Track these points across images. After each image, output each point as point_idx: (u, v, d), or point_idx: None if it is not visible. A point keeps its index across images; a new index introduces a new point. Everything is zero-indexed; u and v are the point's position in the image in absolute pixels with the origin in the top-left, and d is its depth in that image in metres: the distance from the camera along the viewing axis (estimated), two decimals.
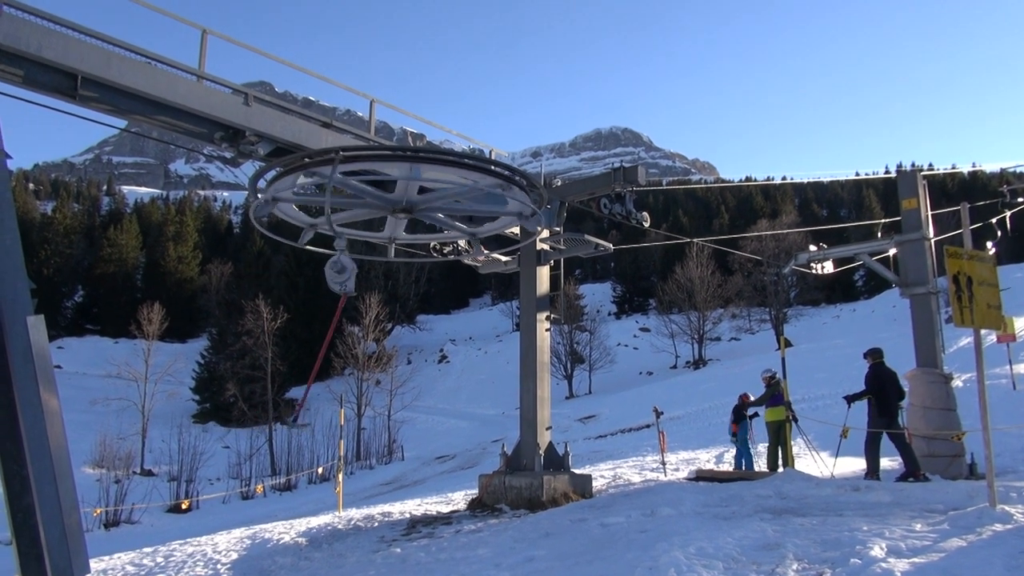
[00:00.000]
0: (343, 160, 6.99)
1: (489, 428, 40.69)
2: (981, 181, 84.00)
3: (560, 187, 12.04)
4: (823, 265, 14.84)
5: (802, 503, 8.24)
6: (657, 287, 66.04)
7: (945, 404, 11.94)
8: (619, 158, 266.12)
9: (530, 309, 11.76)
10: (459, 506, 11.81)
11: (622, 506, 9.01)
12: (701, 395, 33.53)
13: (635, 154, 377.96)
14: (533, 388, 11.37)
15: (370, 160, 7.19)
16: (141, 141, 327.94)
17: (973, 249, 6.67)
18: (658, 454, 15.58)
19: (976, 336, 6.65)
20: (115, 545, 15.14)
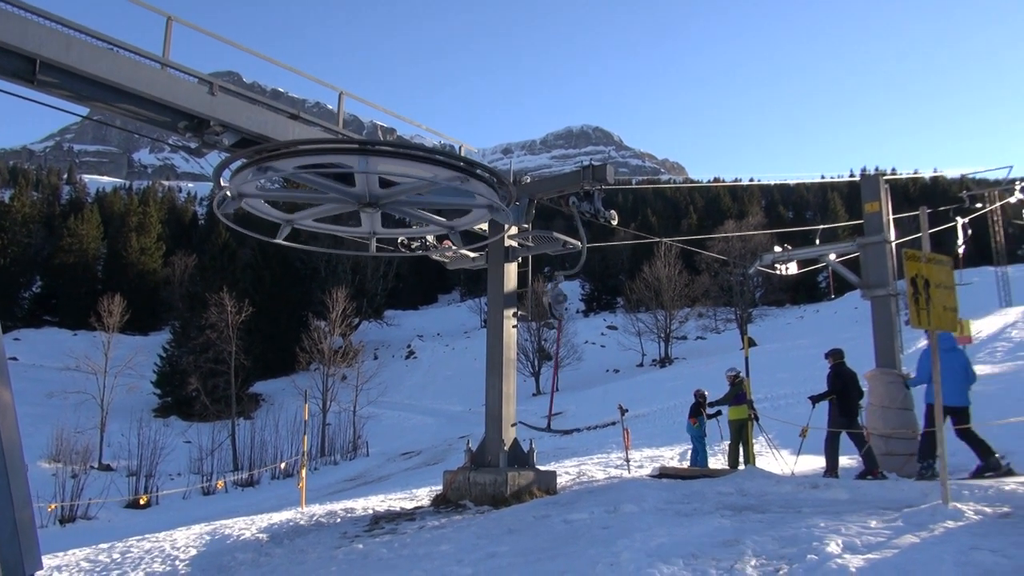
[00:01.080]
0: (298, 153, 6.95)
1: (455, 424, 40.63)
2: (942, 186, 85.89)
3: (529, 184, 12.06)
4: (787, 266, 15.09)
5: (762, 500, 8.37)
6: (625, 286, 66.46)
7: (902, 404, 12.21)
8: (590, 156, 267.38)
9: (497, 306, 11.77)
10: (423, 502, 11.79)
11: (585, 503, 9.07)
12: (666, 393, 33.82)
13: (606, 153, 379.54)
14: (499, 384, 11.39)
15: (323, 153, 7.14)
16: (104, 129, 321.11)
17: (931, 252, 6.83)
18: (623, 451, 15.69)
19: (932, 338, 6.81)
20: (70, 541, 14.84)
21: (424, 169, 7.21)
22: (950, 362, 9.34)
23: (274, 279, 61.45)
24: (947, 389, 8.79)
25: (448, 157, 7.25)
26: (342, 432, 38.54)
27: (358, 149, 7.10)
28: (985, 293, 47.49)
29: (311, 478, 26.40)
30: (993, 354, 24.04)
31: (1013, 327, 28.98)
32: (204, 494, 29.08)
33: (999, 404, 15.88)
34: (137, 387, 45.99)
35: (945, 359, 9.06)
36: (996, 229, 47.07)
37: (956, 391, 9.32)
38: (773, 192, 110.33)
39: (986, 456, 9.39)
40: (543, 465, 14.24)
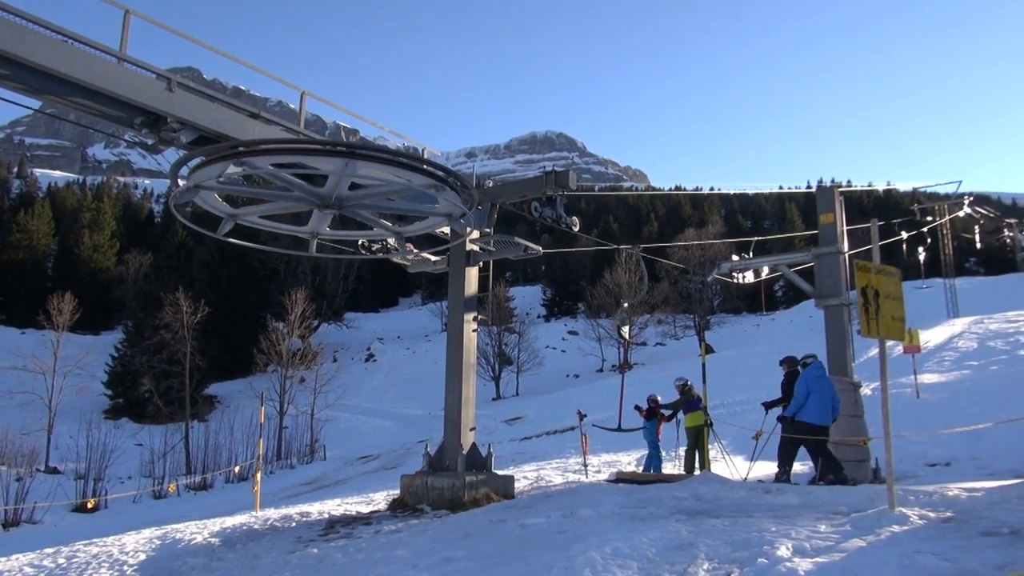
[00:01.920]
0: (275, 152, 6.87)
1: (415, 428, 40.41)
2: (895, 199, 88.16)
3: (492, 188, 12.09)
4: (744, 275, 15.34)
5: (716, 505, 8.48)
6: (586, 291, 66.88)
7: (853, 411, 12.48)
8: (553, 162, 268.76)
9: (458, 310, 11.76)
10: (380, 506, 11.71)
11: (542, 507, 9.10)
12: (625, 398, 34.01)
13: (569, 159, 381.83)
14: (458, 388, 11.37)
15: (303, 154, 7.08)
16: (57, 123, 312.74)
17: (881, 264, 7.01)
18: (581, 456, 15.77)
19: (881, 346, 6.99)
20: (14, 546, 14.41)
21: (401, 175, 7.18)
22: (821, 387, 10.58)
23: (231, 279, 60.48)
24: (816, 410, 10.41)
25: (433, 166, 7.24)
26: (299, 435, 38.06)
27: (345, 152, 7.03)
28: (934, 304, 48.88)
29: (266, 482, 26.01)
30: (940, 363, 24.74)
31: (960, 337, 29.84)
32: (155, 498, 28.45)
33: (945, 412, 16.40)
34: (87, 388, 44.79)
35: (817, 385, 10.54)
36: (945, 242, 48.50)
37: (823, 412, 10.49)
38: (733, 201, 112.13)
39: (836, 471, 10.47)
40: (502, 469, 14.24)
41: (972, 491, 7.81)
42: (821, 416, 10.48)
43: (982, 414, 15.11)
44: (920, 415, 16.63)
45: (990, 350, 25.55)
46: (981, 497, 7.45)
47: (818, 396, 10.42)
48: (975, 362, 23.65)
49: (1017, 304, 40.64)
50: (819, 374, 10.75)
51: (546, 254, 14.15)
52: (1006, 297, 50.35)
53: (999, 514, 6.46)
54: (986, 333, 29.56)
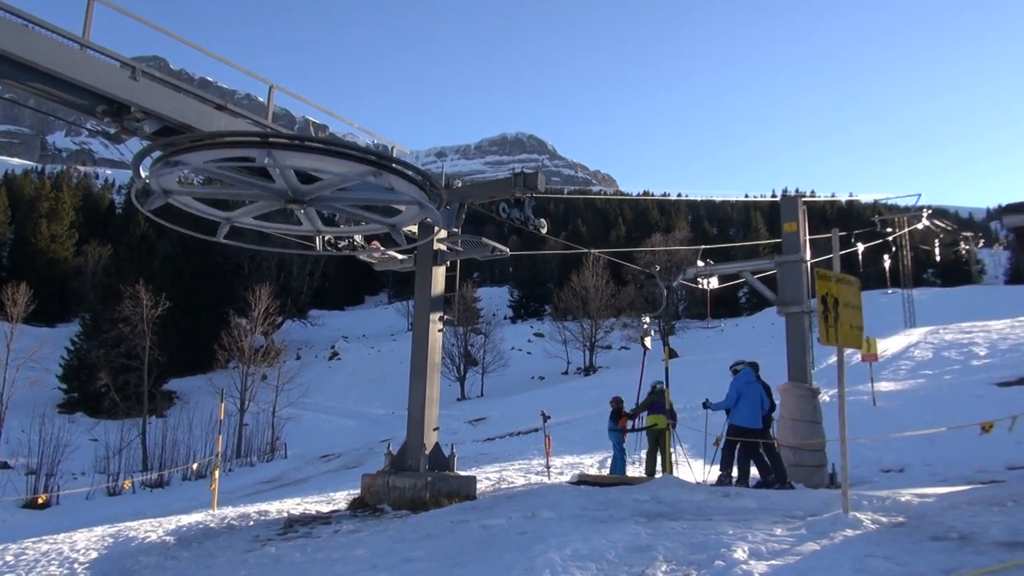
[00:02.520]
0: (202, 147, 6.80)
1: (378, 428, 40.17)
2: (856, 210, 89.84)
3: (461, 188, 12.08)
4: (709, 280, 15.52)
5: (676, 508, 8.58)
6: (553, 294, 67.10)
7: (812, 417, 12.69)
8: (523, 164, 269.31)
9: (424, 309, 11.73)
10: (340, 506, 11.62)
11: (504, 508, 9.11)
12: (590, 401, 34.23)
13: (539, 161, 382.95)
14: (422, 388, 11.34)
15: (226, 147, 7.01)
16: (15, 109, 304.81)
17: (841, 273, 7.15)
18: (543, 458, 15.82)
19: (839, 354, 7.12)
20: None
21: (337, 164, 7.12)
22: (750, 392, 11.25)
23: (194, 273, 59.47)
24: (746, 413, 11.08)
25: (352, 149, 7.15)
26: (260, 433, 37.59)
27: (259, 142, 6.96)
28: (892, 314, 49.93)
29: (225, 480, 25.66)
30: (897, 372, 25.25)
31: (916, 347, 30.48)
32: (109, 495, 27.88)
33: (900, 419, 16.75)
34: (41, 381, 43.78)
35: (747, 390, 11.22)
36: (904, 253, 49.57)
37: (753, 416, 11.13)
38: (699, 208, 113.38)
39: (766, 474, 11.10)
40: (464, 470, 14.23)
41: (924, 497, 8.00)
42: (751, 419, 11.10)
43: (935, 421, 15.47)
44: (876, 422, 16.97)
45: (944, 360, 26.14)
46: (932, 503, 7.63)
47: (748, 400, 11.11)
48: (930, 371, 24.17)
49: (971, 315, 41.69)
50: (749, 379, 11.38)
51: (514, 255, 14.19)
52: (961, 308, 51.69)
53: (949, 519, 6.63)
54: (941, 343, 30.24)
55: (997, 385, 19.06)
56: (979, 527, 6.16)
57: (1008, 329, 30.77)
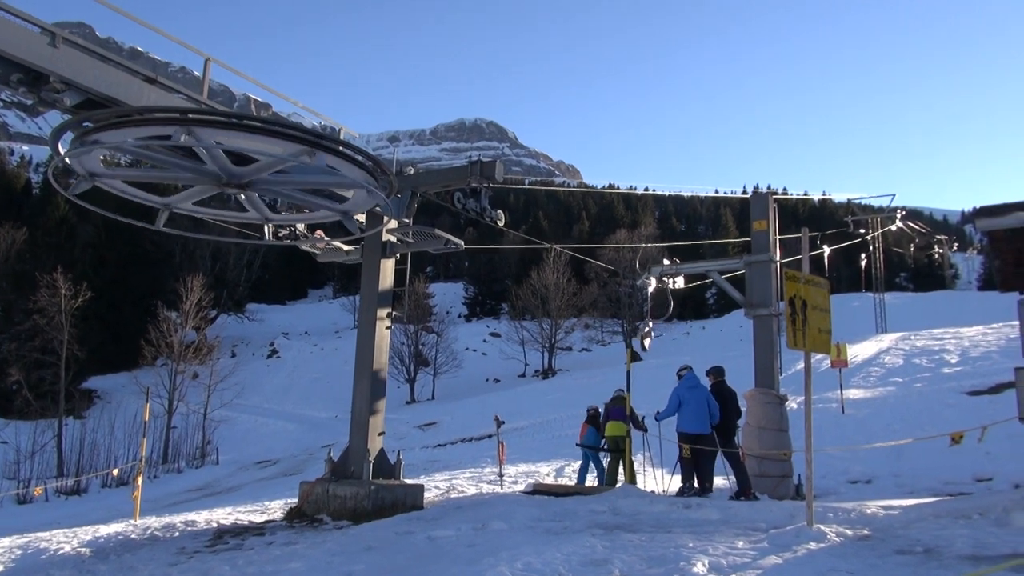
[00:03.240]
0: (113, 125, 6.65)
1: (320, 432, 39.84)
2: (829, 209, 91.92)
3: (413, 176, 12.02)
4: (675, 280, 15.70)
5: (634, 519, 8.67)
6: (511, 291, 67.27)
7: (778, 425, 12.94)
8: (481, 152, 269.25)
9: (371, 304, 11.64)
10: (275, 516, 11.49)
11: (452, 519, 9.11)
12: (548, 406, 34.44)
13: (499, 149, 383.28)
14: (367, 390, 11.26)
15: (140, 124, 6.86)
16: None
17: (810, 274, 7.30)
18: (497, 466, 15.85)
19: (806, 359, 7.27)
20: None
21: (267, 142, 7.00)
22: (695, 397, 11.61)
23: (120, 261, 58.07)
24: (691, 419, 11.45)
25: (280, 126, 7.04)
26: (189, 437, 36.95)
27: (177, 119, 6.81)
28: (863, 318, 51.20)
29: (150, 487, 25.17)
30: (867, 379, 25.91)
31: (887, 353, 31.30)
32: (19, 503, 27.11)
33: (869, 429, 17.21)
34: None
35: (691, 394, 11.60)
36: (876, 256, 50.80)
37: (698, 421, 11.49)
38: (667, 203, 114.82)
39: (707, 482, 11.47)
40: (411, 478, 14.19)
41: (889, 509, 8.23)
42: (696, 424, 11.45)
43: (905, 431, 15.94)
44: (844, 431, 17.39)
45: (915, 367, 26.90)
46: (898, 515, 7.85)
47: (692, 406, 11.49)
48: (900, 378, 24.85)
49: (943, 321, 42.97)
50: (692, 384, 11.76)
51: (469, 249, 14.18)
52: (933, 314, 53.24)
53: (914, 532, 6.83)
54: (912, 349, 31.11)
55: (967, 394, 19.68)
56: (944, 541, 6.36)
57: (979, 336, 31.79)
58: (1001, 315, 33.55)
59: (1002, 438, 12.56)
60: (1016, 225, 8.51)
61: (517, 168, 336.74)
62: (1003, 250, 9.01)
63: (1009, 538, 6.29)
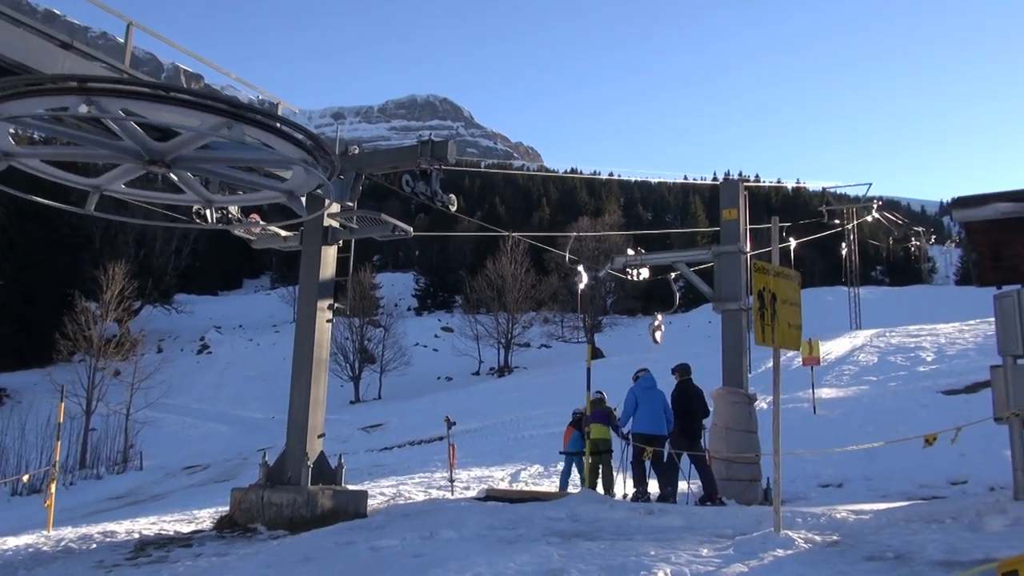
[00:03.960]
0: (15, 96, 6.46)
1: (255, 434, 39.43)
2: (803, 198, 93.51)
3: (357, 155, 11.92)
4: (639, 271, 15.84)
5: (594, 526, 8.76)
6: (465, 283, 67.20)
7: (747, 426, 13.17)
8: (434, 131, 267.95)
9: (310, 295, 11.55)
10: (204, 525, 11.37)
11: (398, 527, 9.11)
12: (503, 406, 34.53)
13: (453, 129, 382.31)
14: (306, 388, 11.17)
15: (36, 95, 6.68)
16: None
17: (780, 266, 7.43)
18: (447, 470, 15.87)
19: (775, 356, 7.40)
20: None
21: (181, 114, 6.86)
22: (651, 398, 12.08)
23: (32, 246, 56.55)
24: (648, 420, 11.90)
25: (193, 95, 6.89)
26: (110, 440, 36.25)
27: (75, 88, 6.63)
28: (837, 313, 52.22)
29: (65, 495, 24.67)
30: (840, 377, 26.50)
31: (861, 350, 32.04)
32: None
33: (841, 430, 17.61)
34: None
35: (647, 396, 12.06)
36: (852, 248, 51.81)
37: (656, 422, 11.95)
38: (633, 189, 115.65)
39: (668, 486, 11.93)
40: (355, 484, 14.13)
41: (860, 514, 8.43)
42: (653, 425, 11.91)
43: (878, 432, 16.32)
44: (816, 432, 17.76)
45: (890, 365, 27.58)
46: (868, 520, 8.05)
47: (647, 407, 11.95)
48: (874, 377, 25.46)
49: (919, 317, 44.05)
50: (648, 386, 12.25)
51: (419, 237, 14.13)
52: (910, 309, 54.52)
53: (885, 538, 7.01)
54: (887, 347, 31.90)
55: (943, 393, 20.27)
56: (916, 546, 6.54)
57: (956, 333, 32.71)
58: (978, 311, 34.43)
59: (977, 439, 12.92)
60: (993, 216, 8.75)
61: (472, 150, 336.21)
62: (980, 242, 9.28)
63: (982, 543, 6.49)
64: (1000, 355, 8.68)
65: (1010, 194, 8.60)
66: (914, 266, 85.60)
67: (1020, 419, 8.17)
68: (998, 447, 12.65)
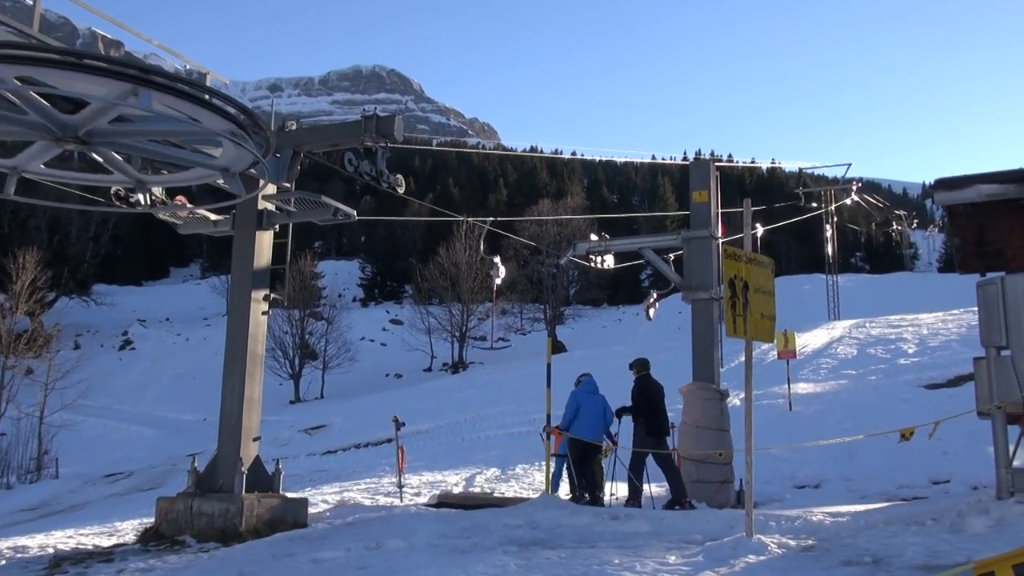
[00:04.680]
0: None
1: (185, 438, 39.06)
2: (779, 180, 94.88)
3: (294, 132, 11.79)
4: (603, 258, 15.93)
5: (554, 534, 8.81)
6: (415, 271, 67.04)
7: (718, 424, 13.33)
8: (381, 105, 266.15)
9: (244, 285, 11.40)
10: (127, 538, 11.20)
11: (342, 538, 9.08)
12: (457, 405, 34.57)
13: (402, 103, 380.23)
14: (240, 387, 11.05)
15: None
16: None
17: (753, 252, 7.51)
18: (396, 475, 15.84)
19: (747, 349, 7.50)
20: None
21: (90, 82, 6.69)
22: (591, 403, 12.60)
23: None
24: (588, 427, 12.44)
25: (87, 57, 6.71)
26: (22, 445, 35.59)
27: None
28: (814, 303, 53.09)
29: None
30: (817, 371, 26.96)
31: (839, 343, 32.62)
32: None
33: (817, 427, 17.92)
34: None
35: (588, 401, 12.57)
36: (831, 232, 52.51)
37: (594, 429, 12.53)
38: (597, 170, 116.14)
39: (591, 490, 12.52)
40: (294, 491, 14.04)
41: (837, 516, 8.60)
42: (592, 432, 12.50)
43: (857, 429, 16.63)
44: (792, 430, 18.05)
45: (870, 358, 28.14)
46: (846, 523, 8.21)
47: (588, 413, 12.50)
48: (853, 371, 25.96)
49: (901, 306, 44.97)
50: (590, 390, 12.80)
51: (364, 221, 14.04)
52: (890, 298, 55.63)
53: (863, 541, 7.16)
54: (867, 338, 32.52)
55: (925, 387, 20.74)
56: (895, 549, 6.69)
57: (939, 324, 33.45)
58: (962, 300, 35.28)
59: (960, 435, 13.27)
60: (977, 199, 8.92)
61: (423, 126, 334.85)
62: (963, 227, 9.46)
63: (964, 545, 6.65)
64: (983, 346, 8.80)
65: (995, 175, 8.75)
66: (895, 252, 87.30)
67: (1003, 413, 8.34)
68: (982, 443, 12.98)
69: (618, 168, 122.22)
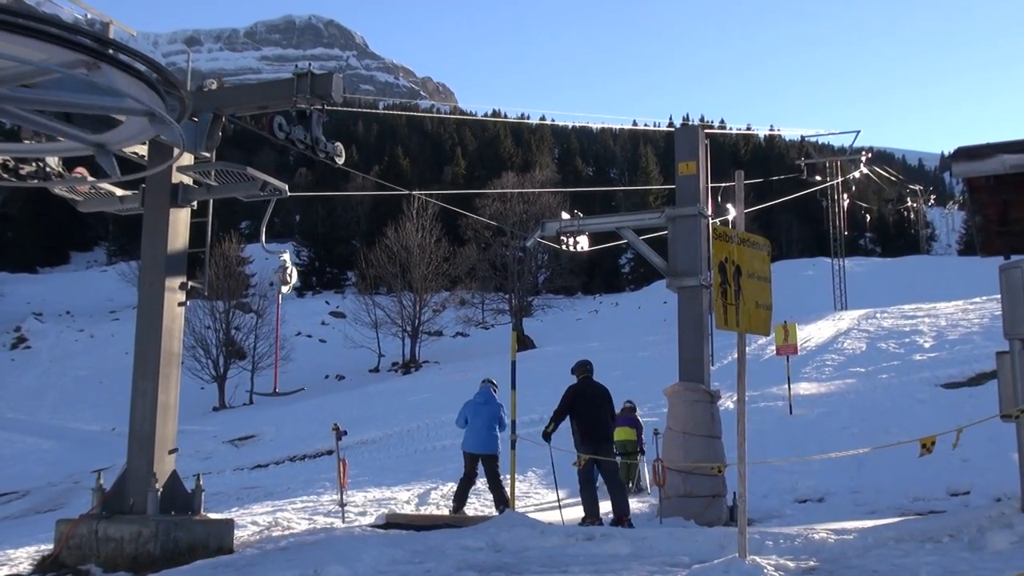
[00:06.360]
0: None
1: (91, 451, 38.71)
2: (778, 149, 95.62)
3: (216, 91, 11.65)
4: (576, 240, 15.92)
5: (520, 557, 8.84)
6: (359, 255, 66.78)
7: (708, 430, 13.36)
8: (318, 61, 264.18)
9: (156, 271, 11.29)
10: (22, 568, 11.10)
11: (274, 564, 9.04)
12: (409, 411, 34.51)
13: (342, 59, 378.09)
14: (152, 391, 10.94)
15: None
16: None
17: (746, 232, 7.53)
18: (337, 491, 15.79)
19: (740, 343, 7.53)
20: None
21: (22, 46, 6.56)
22: (483, 413, 13.65)
23: None
24: (474, 439, 13.61)
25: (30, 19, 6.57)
26: None
27: None
28: (818, 291, 53.61)
29: None
30: (820, 369, 27.22)
31: (846, 336, 32.98)
32: None
33: (821, 433, 18.15)
34: None
35: (477, 412, 13.65)
36: (838, 210, 52.89)
37: (479, 441, 13.60)
38: (570, 138, 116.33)
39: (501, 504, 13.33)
40: (218, 511, 13.96)
41: (842, 533, 8.69)
42: (477, 444, 13.58)
43: (866, 435, 16.86)
44: (792, 436, 18.24)
45: (881, 353, 28.46)
46: (852, 541, 8.31)
47: (478, 424, 13.59)
48: (862, 368, 26.23)
49: (916, 294, 45.63)
50: (481, 401, 13.78)
51: (298, 198, 13.96)
52: (905, 285, 56.39)
53: (870, 562, 7.26)
54: (878, 331, 32.91)
55: (943, 387, 21.02)
56: (907, 570, 6.79)
57: (959, 314, 33.92)
58: (985, 286, 35.80)
59: (982, 441, 13.45)
60: (1001, 171, 8.86)
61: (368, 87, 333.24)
62: (985, 203, 9.51)
63: (983, 564, 6.76)
64: (1006, 338, 8.77)
65: (1020, 143, 8.68)
66: (910, 232, 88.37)
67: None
68: (1006, 450, 13.23)
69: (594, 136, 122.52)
